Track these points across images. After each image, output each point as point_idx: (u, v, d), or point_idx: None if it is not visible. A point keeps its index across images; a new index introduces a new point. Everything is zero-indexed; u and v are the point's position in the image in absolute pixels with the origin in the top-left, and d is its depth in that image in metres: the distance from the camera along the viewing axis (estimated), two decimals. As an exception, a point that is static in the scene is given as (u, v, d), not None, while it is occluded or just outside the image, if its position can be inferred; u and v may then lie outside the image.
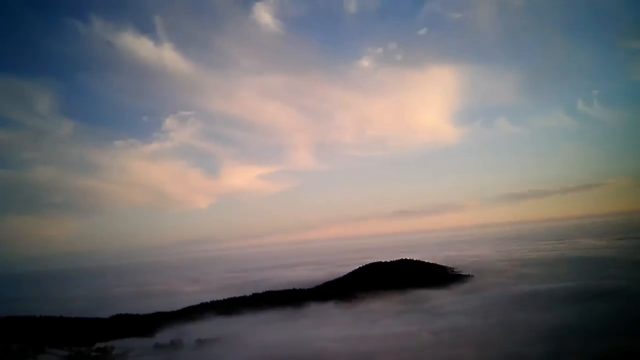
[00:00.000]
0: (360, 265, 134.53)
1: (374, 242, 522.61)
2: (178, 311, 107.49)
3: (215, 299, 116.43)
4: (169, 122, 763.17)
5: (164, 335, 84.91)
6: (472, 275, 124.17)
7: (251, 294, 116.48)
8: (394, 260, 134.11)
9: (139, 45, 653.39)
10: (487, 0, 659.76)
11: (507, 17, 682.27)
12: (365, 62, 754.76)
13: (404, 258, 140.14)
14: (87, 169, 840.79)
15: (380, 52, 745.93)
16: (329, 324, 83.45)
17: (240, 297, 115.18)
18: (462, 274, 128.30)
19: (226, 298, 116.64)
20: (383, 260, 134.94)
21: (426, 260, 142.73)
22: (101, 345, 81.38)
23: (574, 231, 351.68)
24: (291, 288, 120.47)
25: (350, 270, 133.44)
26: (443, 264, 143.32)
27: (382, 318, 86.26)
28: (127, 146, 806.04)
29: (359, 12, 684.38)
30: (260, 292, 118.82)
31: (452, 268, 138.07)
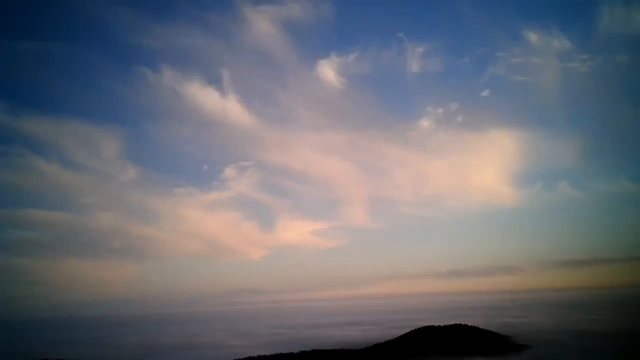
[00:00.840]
0: (413, 329, 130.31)
1: (427, 302, 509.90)
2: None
3: (261, 355, 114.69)
4: (228, 172, 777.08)
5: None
6: (530, 346, 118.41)
7: (298, 352, 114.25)
8: (448, 325, 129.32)
9: (204, 96, 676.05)
10: (551, 64, 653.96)
11: (570, 82, 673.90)
12: (426, 122, 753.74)
13: (458, 323, 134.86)
14: (146, 215, 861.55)
15: (441, 113, 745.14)
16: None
17: (287, 354, 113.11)
18: (520, 343, 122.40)
19: (272, 354, 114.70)
20: (436, 324, 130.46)
21: (482, 327, 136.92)
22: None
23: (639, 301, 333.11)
24: (339, 348, 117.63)
25: (402, 333, 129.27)
26: (499, 332, 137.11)
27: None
28: (186, 194, 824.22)
29: (422, 72, 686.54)
30: (308, 350, 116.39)
31: (509, 337, 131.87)
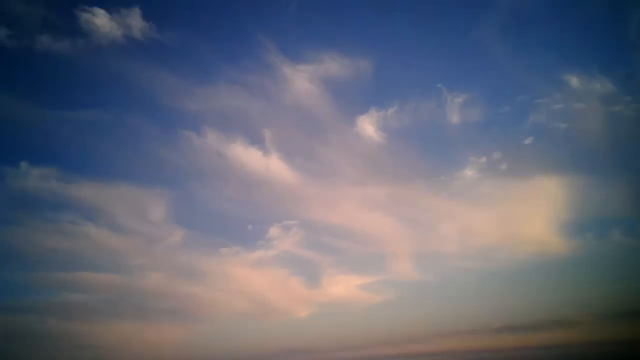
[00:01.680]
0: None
1: (480, 359, 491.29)
2: None
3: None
4: (273, 231, 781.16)
5: None
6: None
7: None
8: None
9: (248, 156, 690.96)
10: (594, 109, 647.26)
11: (615, 125, 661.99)
12: (469, 172, 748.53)
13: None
14: (193, 275, 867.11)
15: (484, 162, 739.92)
16: None
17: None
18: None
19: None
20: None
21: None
22: None
23: None
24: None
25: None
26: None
27: None
28: (231, 253, 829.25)
29: (462, 122, 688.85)
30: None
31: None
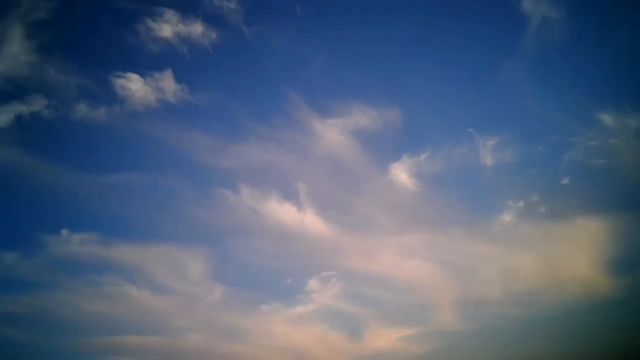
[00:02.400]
0: None
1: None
2: None
3: None
4: (312, 283, 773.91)
5: None
6: None
7: None
8: None
9: (282, 210, 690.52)
10: (630, 144, 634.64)
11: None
12: (507, 216, 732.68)
13: None
14: (234, 333, 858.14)
15: (522, 205, 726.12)
16: None
17: None
18: None
19: None
20: None
21: None
22: None
23: None
24: None
25: None
26: None
27: None
28: (271, 310, 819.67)
29: (496, 165, 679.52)
30: None
31: None
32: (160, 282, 31.87)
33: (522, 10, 31.72)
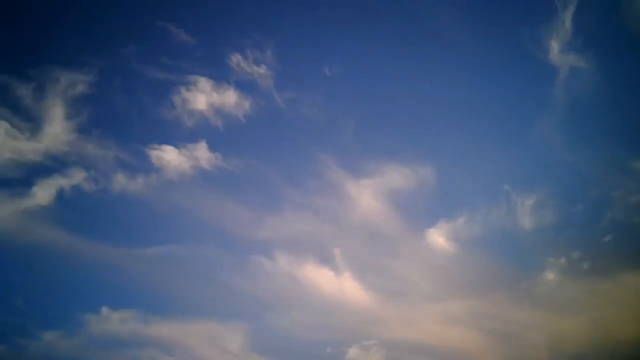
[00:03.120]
0: None
1: None
2: None
3: None
4: (352, 352, 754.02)
5: None
6: None
7: None
8: None
9: (320, 277, 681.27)
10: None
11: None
12: (550, 275, 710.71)
13: None
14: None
15: (564, 263, 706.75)
16: None
17: None
18: None
19: None
20: None
21: None
22: None
23: None
24: None
25: None
26: None
27: None
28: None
29: (536, 225, 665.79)
30: None
31: None
32: (199, 354, 31.42)
33: (550, 62, 31.71)
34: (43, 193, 27.96)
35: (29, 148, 28.32)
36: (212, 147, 31.39)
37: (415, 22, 32.86)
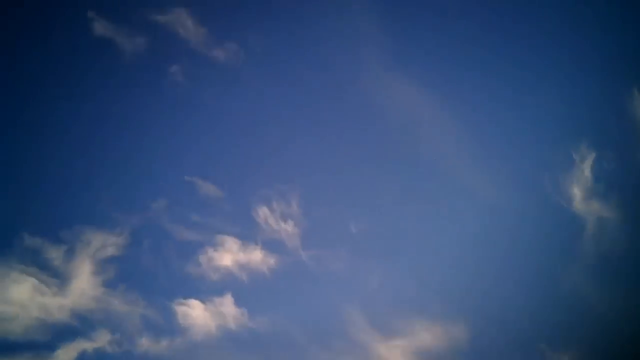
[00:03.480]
0: None
1: None
2: None
3: None
4: None
5: None
6: None
7: None
8: None
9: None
10: None
11: None
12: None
13: None
14: None
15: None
16: None
17: None
18: None
19: None
20: None
21: None
22: None
23: None
24: None
25: None
26: None
27: None
28: None
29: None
30: None
31: None
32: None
33: (576, 213, 31.87)
34: (65, 356, 27.59)
35: (56, 304, 28.36)
36: (237, 302, 31.19)
37: (436, 179, 33.87)
